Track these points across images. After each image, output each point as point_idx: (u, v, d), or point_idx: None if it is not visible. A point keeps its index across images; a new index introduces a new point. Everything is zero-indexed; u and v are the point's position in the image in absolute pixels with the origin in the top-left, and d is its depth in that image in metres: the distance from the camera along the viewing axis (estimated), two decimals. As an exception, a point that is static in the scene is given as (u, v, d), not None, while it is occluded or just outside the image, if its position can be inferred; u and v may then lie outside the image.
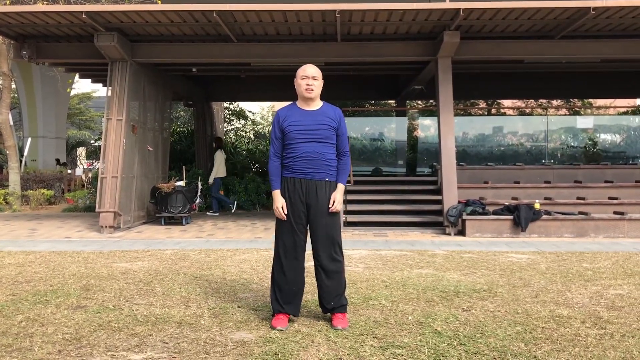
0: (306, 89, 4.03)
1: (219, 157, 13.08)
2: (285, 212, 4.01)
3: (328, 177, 4.05)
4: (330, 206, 4.02)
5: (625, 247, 8.03)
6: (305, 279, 4.17)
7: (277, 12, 8.73)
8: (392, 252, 7.38)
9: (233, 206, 13.16)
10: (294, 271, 4.03)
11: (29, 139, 20.11)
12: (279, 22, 9.23)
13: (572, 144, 13.96)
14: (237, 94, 16.94)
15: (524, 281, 5.57)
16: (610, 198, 10.13)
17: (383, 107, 21.08)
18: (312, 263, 4.13)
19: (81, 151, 31.12)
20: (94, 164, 24.90)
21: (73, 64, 11.87)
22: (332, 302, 4.01)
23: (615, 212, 9.47)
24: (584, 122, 14.10)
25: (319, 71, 4.12)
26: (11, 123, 14.67)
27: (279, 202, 4.03)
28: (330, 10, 8.54)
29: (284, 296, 4.02)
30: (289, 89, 4.13)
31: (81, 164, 29.76)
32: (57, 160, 20.23)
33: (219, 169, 13.04)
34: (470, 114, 18.96)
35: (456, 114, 14.13)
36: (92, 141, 29.39)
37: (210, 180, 12.99)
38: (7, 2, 12.95)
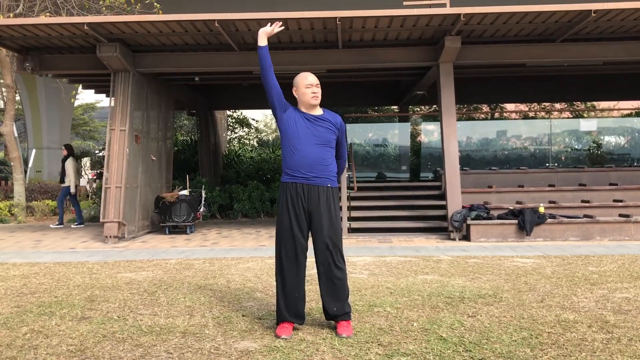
0: (313, 97, 4.06)
1: (72, 166, 12.33)
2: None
3: (330, 182, 4.06)
4: None
5: (631, 249, 7.98)
6: (310, 287, 4.16)
7: (278, 21, 8.75)
8: (396, 258, 7.36)
9: (79, 220, 12.40)
10: (295, 277, 4.01)
11: (34, 150, 20.21)
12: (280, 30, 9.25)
13: (576, 147, 13.93)
14: (240, 102, 16.98)
15: (530, 286, 5.54)
16: (615, 200, 10.09)
17: (386, 113, 21.09)
18: (315, 271, 4.11)
19: (85, 162, 31.23)
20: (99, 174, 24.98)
21: (76, 75, 11.92)
22: (335, 308, 3.99)
23: (620, 215, 9.43)
24: (587, 124, 14.06)
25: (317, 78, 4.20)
26: (16, 135, 14.76)
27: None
28: (331, 18, 8.57)
29: (288, 304, 4.00)
30: (291, 96, 4.15)
31: (85, 174, 29.84)
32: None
33: (74, 178, 12.30)
34: (473, 119, 18.97)
35: (459, 119, 14.15)
36: (97, 151, 29.51)
37: (72, 190, 12.22)
38: (11, 14, 13.04)
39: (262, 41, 4.18)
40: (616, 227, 9.05)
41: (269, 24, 4.26)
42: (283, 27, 4.31)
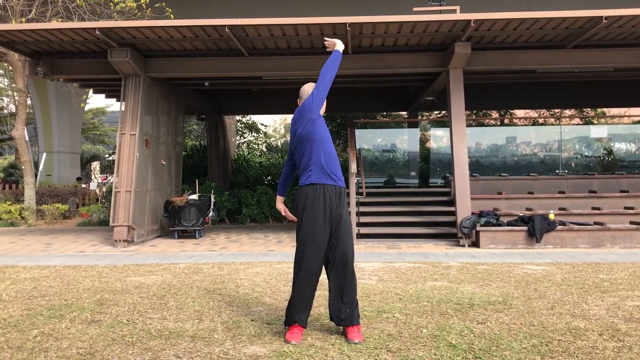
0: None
1: None
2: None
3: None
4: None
5: (643, 257, 7.92)
6: (318, 292, 4.15)
7: (288, 26, 8.79)
8: (405, 265, 7.34)
9: None
10: (316, 280, 4.00)
11: (44, 154, 20.35)
12: (290, 35, 9.29)
13: (586, 153, 13.85)
14: (249, 107, 17.02)
15: (540, 293, 5.51)
16: (626, 208, 10.02)
17: (395, 118, 21.08)
18: (323, 276, 4.11)
19: (95, 165, 31.41)
20: (108, 178, 25.12)
21: (87, 79, 12.01)
22: (348, 310, 3.97)
23: (631, 222, 9.36)
24: (598, 131, 13.97)
25: None
26: (26, 138, 14.85)
27: None
28: (340, 24, 8.58)
29: (303, 307, 3.97)
30: (291, 103, 4.19)
31: (95, 178, 30.01)
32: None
33: None
34: (482, 125, 18.91)
35: (468, 125, 14.10)
36: (106, 155, 29.70)
37: None
38: (23, 19, 13.17)
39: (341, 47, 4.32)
40: (627, 234, 8.98)
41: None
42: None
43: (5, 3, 13.25)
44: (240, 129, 23.06)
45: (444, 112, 19.26)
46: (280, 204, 4.46)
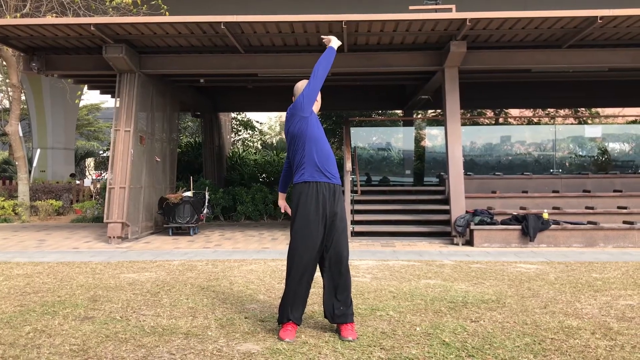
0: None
1: None
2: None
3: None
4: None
5: (635, 257, 7.95)
6: (312, 290, 4.15)
7: (284, 24, 8.78)
8: (399, 263, 7.35)
9: None
10: (310, 277, 4.00)
11: (38, 150, 20.27)
12: (286, 33, 9.28)
13: (581, 153, 13.89)
14: (245, 105, 17.01)
15: (533, 291, 5.53)
16: (619, 207, 10.06)
17: (390, 117, 21.09)
18: (317, 274, 4.11)
19: (89, 162, 31.31)
20: (103, 175, 25.05)
21: (82, 75, 11.96)
22: (342, 307, 3.97)
23: (624, 222, 9.40)
24: (592, 131, 14.02)
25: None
26: (20, 134, 14.79)
27: None
28: (336, 21, 8.58)
29: (296, 304, 3.97)
30: (286, 100, 4.19)
31: (89, 174, 29.91)
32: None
33: None
34: (477, 124, 18.95)
35: (463, 124, 14.13)
36: (101, 152, 29.60)
37: None
38: (18, 14, 13.10)
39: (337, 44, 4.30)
40: (620, 234, 9.02)
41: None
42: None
43: (0, -2, 13.18)
44: (235, 126, 23.03)
45: (439, 110, 19.28)
46: (281, 201, 4.48)
